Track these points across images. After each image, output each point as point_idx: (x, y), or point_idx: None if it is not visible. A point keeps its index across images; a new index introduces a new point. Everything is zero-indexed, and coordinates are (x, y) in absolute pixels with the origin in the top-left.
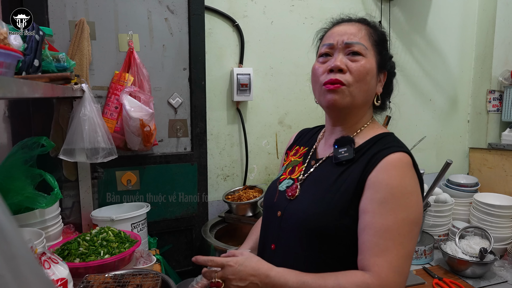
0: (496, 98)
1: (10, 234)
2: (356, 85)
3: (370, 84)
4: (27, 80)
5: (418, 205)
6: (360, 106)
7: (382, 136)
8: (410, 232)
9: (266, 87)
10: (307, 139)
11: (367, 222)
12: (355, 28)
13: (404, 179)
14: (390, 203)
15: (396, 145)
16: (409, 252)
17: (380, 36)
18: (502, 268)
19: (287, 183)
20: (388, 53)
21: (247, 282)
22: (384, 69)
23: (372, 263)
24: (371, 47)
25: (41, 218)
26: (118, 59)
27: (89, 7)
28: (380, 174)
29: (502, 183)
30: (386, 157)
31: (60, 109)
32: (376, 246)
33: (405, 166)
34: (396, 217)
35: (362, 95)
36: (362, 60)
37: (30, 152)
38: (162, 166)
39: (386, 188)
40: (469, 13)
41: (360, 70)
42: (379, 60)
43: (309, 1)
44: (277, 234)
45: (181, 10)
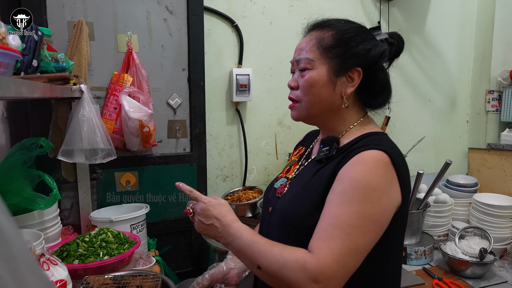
0: (495, 98)
1: (10, 235)
2: (305, 99)
3: (320, 94)
4: (25, 80)
5: (380, 202)
6: (321, 114)
7: (368, 135)
8: (362, 227)
9: (266, 87)
10: (309, 141)
11: (324, 209)
12: (306, 40)
13: (370, 174)
14: (347, 195)
15: (376, 143)
16: (356, 246)
17: (338, 37)
18: (502, 268)
19: (281, 181)
20: (361, 46)
21: (209, 222)
22: (346, 69)
23: (316, 245)
24: (319, 56)
25: (40, 219)
26: (117, 59)
27: (88, 7)
28: (347, 168)
29: (501, 183)
30: (359, 154)
31: (58, 110)
32: (324, 231)
33: (374, 163)
34: (350, 209)
35: (315, 106)
36: (307, 74)
37: (29, 153)
38: (161, 167)
39: (348, 181)
40: (468, 14)
41: (303, 85)
42: (334, 64)
43: (308, 1)
44: (267, 229)
45: (180, 10)
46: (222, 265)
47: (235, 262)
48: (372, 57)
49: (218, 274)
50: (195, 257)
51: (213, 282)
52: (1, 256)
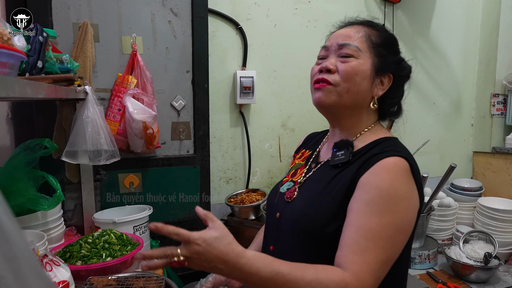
0: (500, 102)
1: (12, 235)
2: (343, 85)
3: (360, 85)
4: (30, 81)
5: (407, 211)
6: (350, 106)
7: (383, 140)
8: (393, 238)
9: (269, 90)
10: (313, 143)
11: (351, 219)
12: (354, 30)
13: (396, 183)
14: (377, 205)
15: (394, 149)
16: (389, 258)
17: (383, 39)
18: (506, 273)
19: (288, 186)
20: (396, 56)
21: (212, 265)
22: (384, 72)
23: (351, 260)
24: (367, 49)
25: (43, 220)
26: (122, 61)
27: (93, 9)
28: (372, 176)
29: (506, 187)
30: (380, 161)
31: (63, 111)
32: (357, 244)
33: (399, 171)
34: (381, 219)
35: (350, 96)
36: (352, 62)
37: (33, 154)
38: (165, 168)
39: (375, 190)
40: (473, 17)
41: (347, 70)
42: (377, 62)
43: (312, 4)
44: (275, 235)
45: (185, 12)
46: None
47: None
48: (402, 69)
49: (221, 277)
50: None
51: (217, 285)
52: (3, 256)
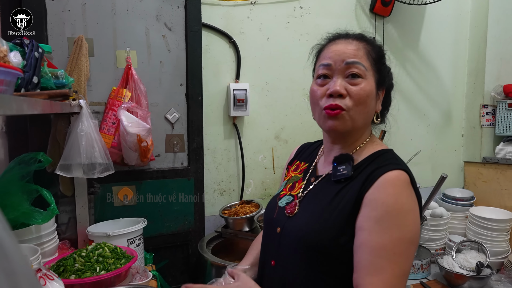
0: (489, 113)
1: (11, 250)
2: (356, 109)
3: (370, 106)
4: (26, 98)
5: (414, 224)
6: (360, 127)
7: (381, 153)
8: (405, 251)
9: (263, 102)
10: (308, 155)
11: (363, 240)
12: (354, 46)
13: (401, 197)
14: (386, 222)
15: (394, 162)
16: (405, 272)
17: (378, 53)
18: (499, 282)
19: (287, 199)
20: (387, 67)
21: None
22: (383, 86)
23: (368, 282)
24: (370, 67)
25: (37, 234)
26: (116, 75)
27: (88, 24)
28: (377, 192)
29: (497, 197)
30: (383, 175)
31: (57, 124)
32: (372, 265)
33: (402, 184)
34: (391, 235)
35: (362, 118)
36: (362, 83)
37: (27, 167)
38: (159, 181)
39: (383, 207)
40: (461, 30)
41: (360, 94)
42: (378, 78)
43: (304, 18)
44: (276, 250)
45: (179, 27)
46: (221, 281)
47: (233, 278)
48: (392, 78)
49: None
50: (192, 272)
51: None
52: (3, 271)
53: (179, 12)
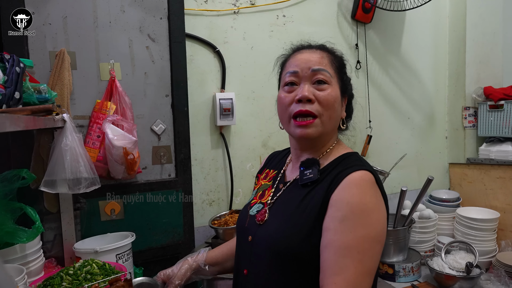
0: (471, 114)
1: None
2: (325, 114)
3: (337, 111)
4: (9, 114)
5: (379, 222)
6: (329, 132)
7: (346, 156)
8: (370, 250)
9: (249, 111)
10: (277, 162)
11: (328, 240)
12: (318, 55)
13: (365, 196)
14: (350, 221)
15: (359, 164)
16: (369, 269)
17: (340, 62)
18: (488, 281)
19: (257, 208)
20: (348, 77)
21: None
22: (345, 93)
23: (331, 282)
24: (334, 74)
25: (22, 253)
26: (100, 88)
27: (70, 37)
28: (342, 192)
29: (483, 197)
30: (348, 176)
31: (40, 139)
32: (336, 264)
33: (366, 184)
34: (356, 234)
35: (331, 123)
36: (328, 89)
37: (10, 185)
38: (147, 193)
39: (347, 206)
40: (441, 34)
41: (328, 99)
42: (341, 86)
43: (287, 26)
44: (249, 259)
45: (162, 38)
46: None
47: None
48: (351, 87)
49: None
50: (183, 285)
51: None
52: None
53: (163, 23)
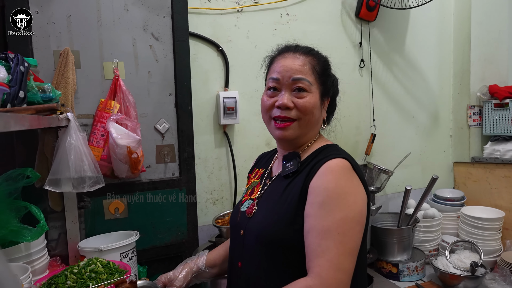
0: (476, 113)
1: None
2: (303, 119)
3: (316, 116)
4: (13, 113)
5: (356, 204)
6: (308, 134)
7: (325, 147)
8: (350, 230)
9: (252, 109)
10: (265, 161)
11: (310, 225)
12: (300, 62)
13: (340, 181)
14: (328, 205)
15: (335, 153)
16: (350, 249)
17: (322, 66)
18: (493, 281)
19: (247, 204)
20: (331, 77)
21: None
22: (327, 95)
23: (315, 264)
24: (315, 81)
25: (26, 252)
26: (104, 86)
27: (74, 36)
28: (319, 179)
29: (487, 196)
30: (324, 164)
31: (44, 138)
32: (318, 247)
33: (341, 170)
34: (334, 217)
35: (309, 126)
36: (307, 97)
37: (15, 184)
38: (150, 192)
39: (324, 192)
40: (445, 32)
41: (306, 106)
42: (322, 90)
43: (291, 25)
44: (241, 252)
45: (166, 37)
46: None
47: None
48: (335, 87)
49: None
50: None
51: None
52: None
53: (166, 22)
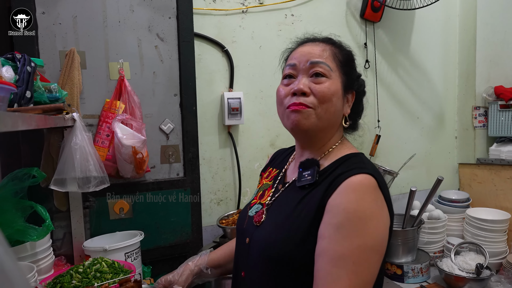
0: (481, 114)
1: (11, 271)
2: (321, 107)
3: (336, 106)
4: (21, 113)
5: (378, 230)
6: (327, 128)
7: (348, 157)
8: (366, 260)
9: (257, 110)
10: (280, 161)
11: (323, 248)
12: (320, 48)
13: (362, 202)
14: (346, 229)
15: (360, 166)
16: (365, 282)
17: (345, 56)
18: (499, 283)
19: (256, 208)
20: (356, 72)
21: None
22: (351, 89)
23: None
24: (336, 68)
25: (32, 251)
26: (109, 87)
27: (79, 37)
28: (339, 197)
29: (493, 198)
30: (346, 180)
31: (50, 138)
32: (329, 275)
33: (365, 189)
34: (351, 243)
35: (328, 117)
36: (326, 82)
37: (21, 183)
38: (155, 192)
39: (343, 213)
40: (451, 33)
41: (324, 92)
42: (345, 80)
43: (295, 25)
44: (246, 261)
45: (171, 37)
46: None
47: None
48: (361, 84)
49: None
50: None
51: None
52: None
53: (171, 23)
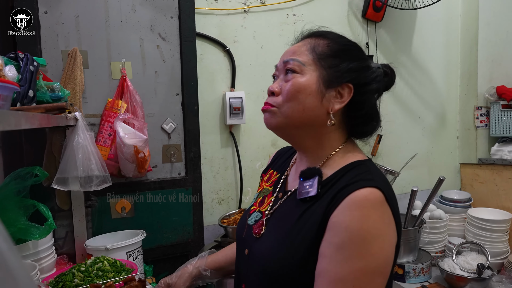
0: (483, 114)
1: (16, 269)
2: (286, 105)
3: (305, 102)
4: (24, 112)
5: (382, 251)
6: (300, 126)
7: (354, 165)
8: (368, 284)
9: (259, 110)
10: (282, 162)
11: (322, 268)
12: (300, 44)
13: (367, 221)
14: (348, 250)
15: (367, 178)
16: None
17: (334, 48)
18: (500, 283)
19: (256, 217)
20: (355, 63)
21: None
22: (338, 82)
23: None
24: (312, 62)
25: (34, 250)
26: (111, 86)
27: (82, 36)
28: (341, 214)
29: (494, 198)
30: (350, 195)
31: (52, 137)
32: None
33: (371, 205)
34: (352, 266)
35: (297, 115)
36: (294, 78)
37: (23, 182)
38: (157, 192)
39: (345, 232)
40: (452, 33)
41: (289, 90)
42: (325, 74)
43: (297, 25)
44: (246, 274)
45: (173, 37)
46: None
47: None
48: (365, 77)
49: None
50: None
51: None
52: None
53: (173, 22)
